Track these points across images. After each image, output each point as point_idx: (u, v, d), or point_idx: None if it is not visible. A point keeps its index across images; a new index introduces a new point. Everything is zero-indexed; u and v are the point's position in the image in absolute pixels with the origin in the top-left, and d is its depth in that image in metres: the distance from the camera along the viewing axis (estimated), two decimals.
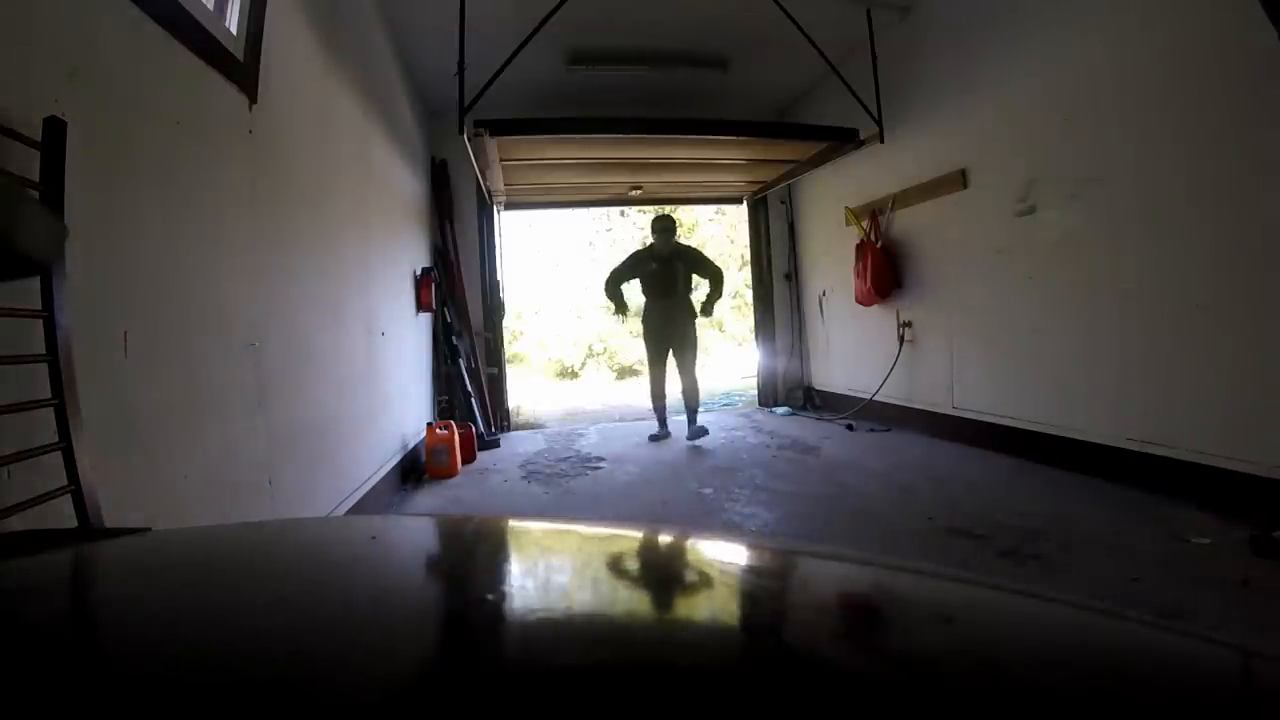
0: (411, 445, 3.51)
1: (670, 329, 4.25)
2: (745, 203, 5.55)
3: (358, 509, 2.46)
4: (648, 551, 0.52)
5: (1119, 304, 2.58)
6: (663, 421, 4.36)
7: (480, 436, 4.13)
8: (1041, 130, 2.86)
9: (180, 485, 1.35)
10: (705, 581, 0.44)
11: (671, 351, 4.26)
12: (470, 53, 2.88)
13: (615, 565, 0.48)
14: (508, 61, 2.89)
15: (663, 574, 0.47)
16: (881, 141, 3.57)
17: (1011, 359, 3.19)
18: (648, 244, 4.41)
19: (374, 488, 2.73)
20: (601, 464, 3.68)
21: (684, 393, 4.25)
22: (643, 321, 4.40)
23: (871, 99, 3.53)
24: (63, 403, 0.95)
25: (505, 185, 4.65)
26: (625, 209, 11.07)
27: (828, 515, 2.55)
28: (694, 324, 4.29)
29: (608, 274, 4.36)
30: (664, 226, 4.24)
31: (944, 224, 3.58)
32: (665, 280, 4.22)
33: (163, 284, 1.33)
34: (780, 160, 4.40)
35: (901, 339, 4.01)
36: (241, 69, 1.68)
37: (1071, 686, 0.28)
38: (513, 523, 0.67)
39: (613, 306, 4.42)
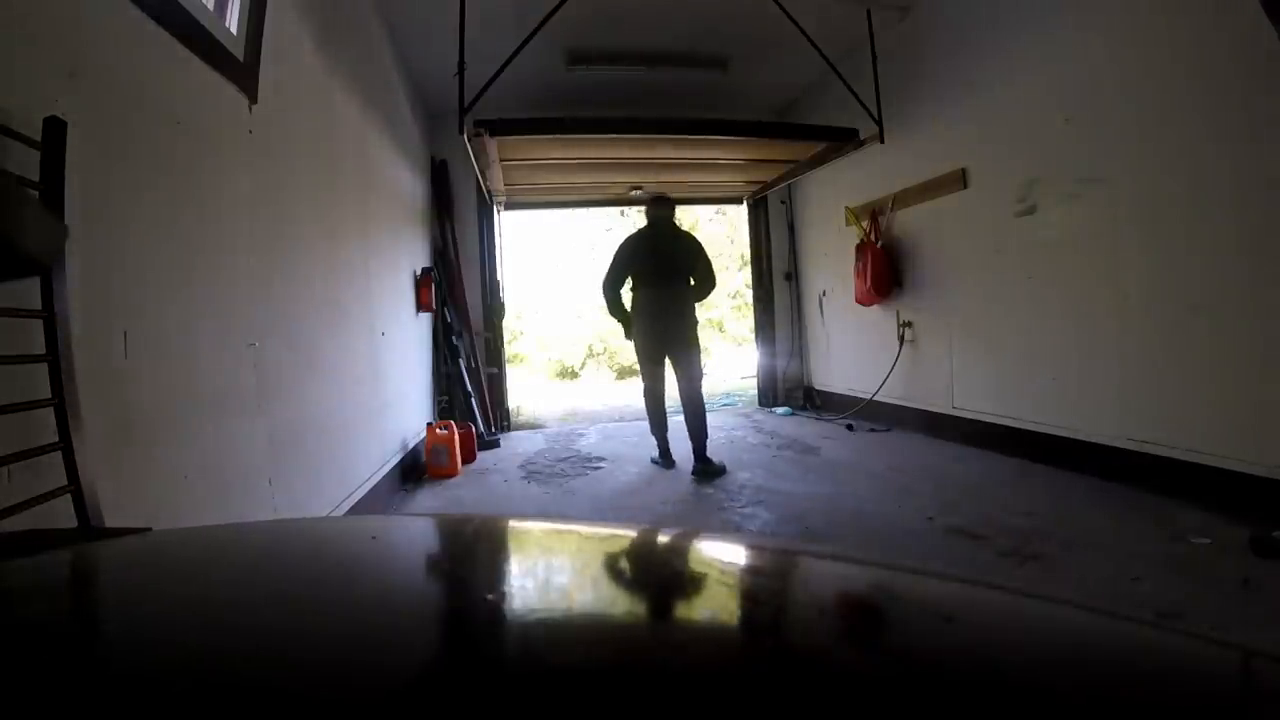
0: (412, 445, 3.51)
1: (670, 325, 3.39)
2: (745, 203, 5.55)
3: (358, 509, 2.46)
4: (648, 551, 0.52)
5: (1118, 304, 2.58)
6: (666, 451, 3.51)
7: (480, 436, 4.13)
8: (1041, 130, 2.86)
9: (180, 485, 1.35)
10: (706, 581, 0.44)
11: (669, 357, 3.44)
12: (470, 53, 2.88)
13: (615, 565, 0.48)
14: (508, 62, 2.89)
15: (663, 574, 0.47)
16: (881, 141, 3.57)
17: (1011, 359, 3.18)
18: (644, 226, 3.60)
19: (374, 488, 2.73)
20: (601, 464, 3.68)
21: (686, 414, 3.38)
22: (634, 315, 3.48)
23: (871, 99, 3.53)
24: (63, 403, 0.95)
25: (505, 185, 4.65)
26: (625, 209, 11.09)
27: (828, 515, 2.55)
28: (697, 322, 3.50)
29: (603, 280, 3.50)
30: (660, 208, 3.55)
31: (944, 224, 3.58)
32: (666, 263, 3.41)
33: (163, 284, 1.33)
34: (780, 160, 4.39)
35: (901, 339, 4.01)
36: (241, 69, 1.68)
37: (1072, 686, 0.28)
38: (513, 523, 0.67)
39: (618, 321, 3.56)
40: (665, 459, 3.49)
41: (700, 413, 3.37)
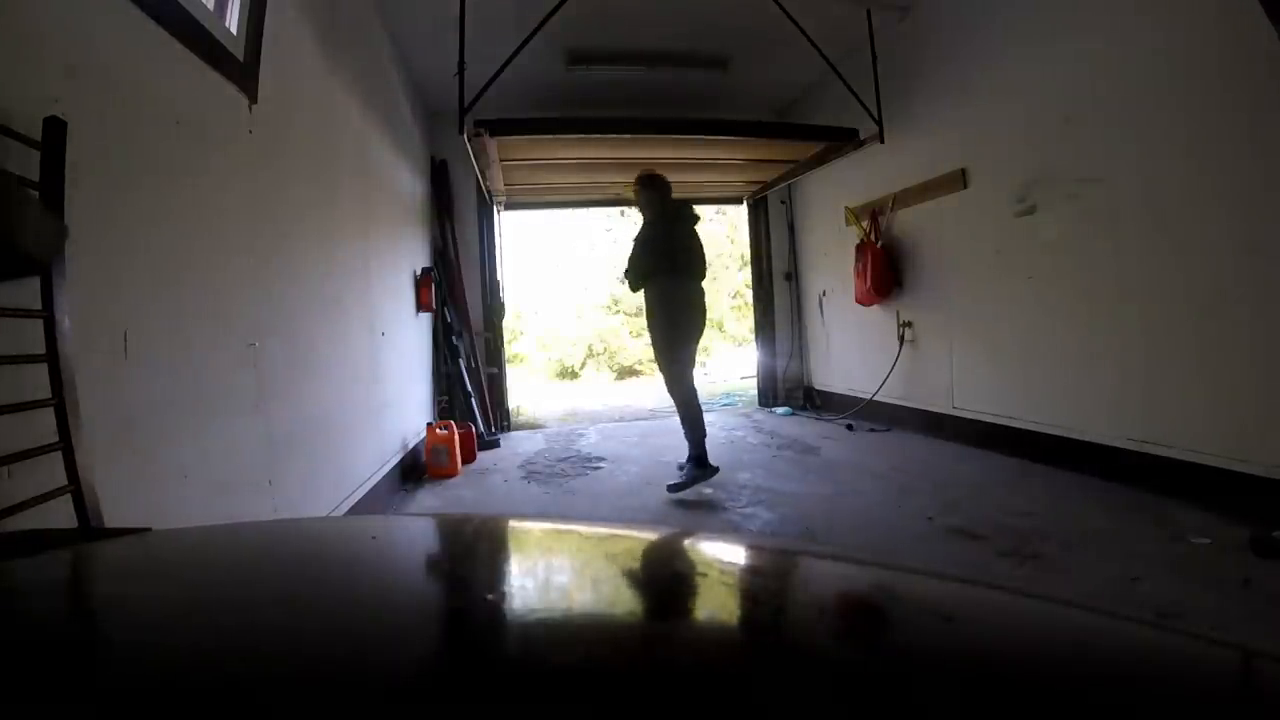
0: (412, 445, 3.51)
1: (699, 316, 3.14)
2: (745, 203, 5.55)
3: (358, 509, 2.46)
4: (648, 552, 0.52)
5: (1119, 304, 2.58)
6: (705, 455, 2.99)
7: (480, 436, 4.13)
8: (1041, 130, 2.86)
9: (180, 485, 1.35)
10: (706, 581, 0.44)
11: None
12: (470, 53, 2.88)
13: (615, 565, 0.48)
14: (508, 61, 2.89)
15: (663, 574, 0.47)
16: (881, 141, 3.57)
17: (1011, 359, 3.18)
18: (660, 211, 3.16)
19: (374, 487, 2.73)
20: (601, 464, 3.67)
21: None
22: (663, 305, 3.06)
23: (871, 99, 3.53)
24: (63, 403, 0.95)
25: (505, 185, 4.65)
26: (625, 209, 11.08)
27: (828, 515, 2.55)
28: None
29: (629, 267, 3.15)
30: (660, 190, 3.16)
31: (944, 224, 3.58)
32: (692, 249, 3.10)
33: (163, 284, 1.33)
34: (780, 160, 4.39)
35: (901, 339, 4.01)
36: (241, 69, 1.68)
37: (1072, 686, 0.28)
38: (513, 523, 0.67)
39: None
40: (706, 468, 2.95)
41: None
